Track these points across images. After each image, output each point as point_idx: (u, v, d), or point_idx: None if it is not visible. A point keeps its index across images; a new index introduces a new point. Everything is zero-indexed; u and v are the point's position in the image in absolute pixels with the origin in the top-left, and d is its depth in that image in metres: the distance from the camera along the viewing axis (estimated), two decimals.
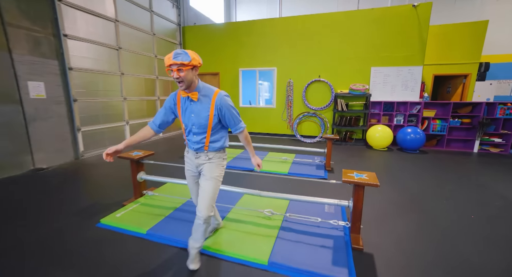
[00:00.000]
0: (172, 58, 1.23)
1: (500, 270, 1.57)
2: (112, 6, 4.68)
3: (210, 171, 1.46)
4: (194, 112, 1.39)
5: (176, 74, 1.26)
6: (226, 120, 1.42)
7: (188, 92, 1.36)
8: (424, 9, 5.20)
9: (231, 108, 1.40)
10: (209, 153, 1.47)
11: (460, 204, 2.57)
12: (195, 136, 1.44)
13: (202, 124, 1.40)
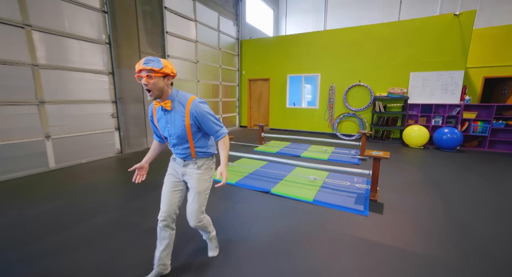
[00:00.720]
0: (142, 64, 1.15)
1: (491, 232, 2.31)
2: (194, 31, 6.27)
3: (199, 185, 1.38)
4: (169, 122, 1.31)
5: (144, 81, 1.17)
6: (204, 128, 1.33)
7: (160, 101, 1.27)
8: (467, 16, 5.49)
9: (207, 115, 1.31)
10: (197, 160, 1.39)
11: (474, 190, 3.17)
12: (176, 147, 1.37)
13: (180, 134, 1.31)
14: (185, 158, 1.38)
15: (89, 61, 4.05)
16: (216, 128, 1.34)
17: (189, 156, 1.37)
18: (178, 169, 1.41)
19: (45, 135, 3.56)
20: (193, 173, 1.38)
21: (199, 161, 1.39)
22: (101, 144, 4.35)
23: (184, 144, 1.34)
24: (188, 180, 1.40)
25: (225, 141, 1.38)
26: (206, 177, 1.41)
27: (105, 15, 4.18)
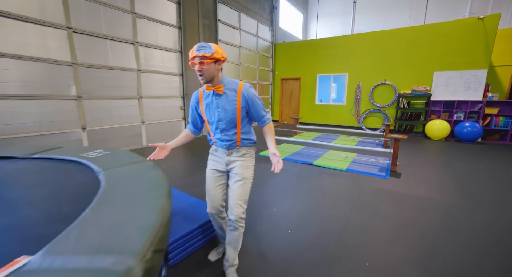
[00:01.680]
0: (195, 51, 1.19)
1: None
2: (239, 37, 7.37)
3: (244, 172, 1.39)
4: (220, 106, 1.32)
5: (198, 67, 1.20)
6: (252, 112, 1.37)
7: (212, 86, 1.30)
8: (491, 19, 5.93)
9: (257, 99, 1.35)
10: (241, 148, 1.41)
11: (481, 168, 3.85)
12: (224, 133, 1.37)
13: (230, 119, 1.33)
14: (229, 146, 1.38)
15: (167, 66, 5.30)
16: (262, 113, 1.39)
17: (234, 144, 1.38)
18: (222, 159, 1.42)
19: (141, 121, 4.85)
20: (237, 161, 1.39)
21: (242, 150, 1.41)
22: (173, 130, 5.61)
23: (232, 129, 1.36)
24: (232, 169, 1.41)
25: (271, 126, 1.41)
26: (250, 164, 1.43)
27: (179, 30, 5.41)
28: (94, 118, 4.06)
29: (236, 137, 1.37)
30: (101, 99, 4.13)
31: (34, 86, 3.36)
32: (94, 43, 3.93)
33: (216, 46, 1.23)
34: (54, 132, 3.59)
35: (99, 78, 4.05)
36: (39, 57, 3.36)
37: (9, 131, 3.19)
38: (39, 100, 3.42)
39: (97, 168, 1.35)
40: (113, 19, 4.15)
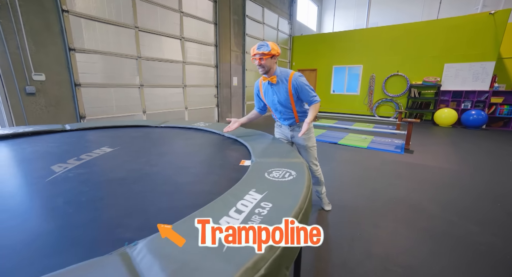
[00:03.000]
0: (256, 49, 1.52)
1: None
2: (262, 31, 7.93)
3: (308, 142, 1.79)
4: (275, 93, 1.66)
5: (258, 62, 1.54)
6: (302, 96, 1.65)
7: (267, 77, 1.61)
8: (502, 14, 6.38)
9: (305, 86, 1.61)
10: (300, 123, 1.76)
11: (483, 147, 4.52)
12: (282, 113, 1.72)
13: (285, 103, 1.66)
14: (291, 124, 1.76)
15: (204, 58, 5.96)
16: (311, 95, 1.65)
17: (294, 121, 1.74)
18: (286, 133, 1.84)
19: (185, 107, 5.59)
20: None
21: (302, 124, 1.71)
22: (208, 115, 6.35)
23: (288, 110, 1.69)
24: (297, 141, 1.81)
25: (316, 105, 1.66)
26: (311, 134, 1.81)
27: (215, 25, 6.03)
28: (152, 103, 4.80)
29: (293, 115, 1.73)
30: (156, 87, 4.86)
31: (112, 76, 4.10)
32: (152, 39, 4.62)
33: (272, 43, 1.53)
34: (124, 114, 4.36)
35: (155, 69, 4.76)
36: (116, 52, 4.07)
37: (97, 113, 3.96)
38: (115, 88, 4.16)
39: (219, 132, 2.09)
40: (166, 17, 4.81)
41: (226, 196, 0.84)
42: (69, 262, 0.54)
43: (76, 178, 1.09)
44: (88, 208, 0.84)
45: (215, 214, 0.72)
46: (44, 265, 0.57)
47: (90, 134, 2.04)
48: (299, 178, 1.00)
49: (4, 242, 0.66)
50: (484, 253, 1.58)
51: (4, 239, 0.67)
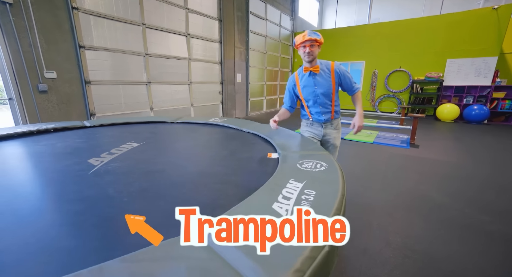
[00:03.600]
0: (307, 35, 1.46)
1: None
2: (265, 27, 7.93)
3: (336, 142, 1.74)
4: (317, 84, 1.59)
5: (308, 49, 1.48)
6: (344, 84, 1.61)
7: (310, 66, 1.57)
8: (505, 9, 6.40)
9: (347, 73, 1.61)
10: (334, 121, 1.69)
11: (484, 141, 4.60)
12: (321, 106, 1.63)
13: (327, 93, 1.59)
14: (325, 121, 1.67)
15: (209, 55, 5.97)
16: (353, 84, 1.62)
17: (329, 117, 1.66)
18: (318, 131, 1.73)
19: (191, 104, 5.62)
20: (332, 133, 1.71)
21: (335, 122, 1.70)
22: (213, 111, 6.39)
23: (328, 102, 1.63)
24: (327, 139, 1.73)
25: (359, 95, 1.64)
26: (340, 134, 1.77)
27: (220, 22, 6.03)
28: (159, 100, 4.83)
29: (331, 109, 1.65)
30: (163, 84, 4.89)
31: (120, 74, 4.12)
32: (159, 36, 4.63)
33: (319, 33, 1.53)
34: (132, 111, 4.39)
35: (162, 66, 4.78)
36: (124, 49, 4.09)
37: (106, 110, 3.99)
38: (123, 85, 4.19)
39: (237, 127, 2.14)
40: (171, 14, 4.81)
41: (269, 185, 0.90)
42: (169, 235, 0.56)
43: (117, 170, 1.14)
44: (141, 197, 0.90)
45: (264, 202, 0.77)
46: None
47: (111, 130, 2.08)
48: (331, 168, 1.06)
49: (106, 216, 0.72)
50: (497, 239, 1.65)
51: (101, 216, 0.73)
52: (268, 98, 8.81)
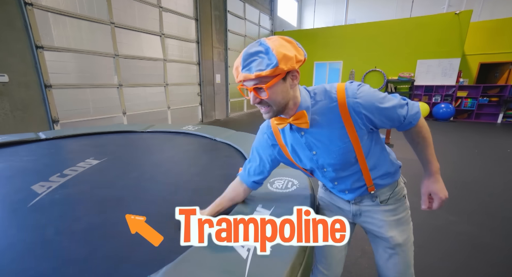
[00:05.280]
0: (240, 70, 0.61)
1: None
2: (244, 27, 7.81)
3: (396, 234, 0.77)
4: (314, 146, 0.72)
5: (253, 98, 0.64)
6: (382, 123, 0.70)
7: (282, 121, 0.71)
8: (465, 15, 6.85)
9: (381, 99, 0.67)
10: (378, 192, 0.78)
11: (451, 137, 4.89)
12: (338, 181, 0.77)
13: (341, 160, 0.71)
14: (357, 196, 0.79)
15: (186, 55, 5.76)
16: (401, 113, 0.69)
17: (365, 190, 0.77)
18: (344, 205, 0.84)
19: (167, 106, 5.39)
20: (375, 212, 0.79)
21: (382, 194, 0.78)
22: (192, 114, 6.19)
23: (350, 170, 0.74)
24: (366, 224, 0.82)
25: (423, 127, 0.75)
26: (402, 215, 0.80)
27: (196, 21, 5.83)
28: (132, 104, 4.57)
29: (363, 182, 0.76)
30: (137, 86, 4.62)
31: (87, 76, 3.82)
32: (130, 36, 4.36)
33: (279, 44, 0.61)
34: (102, 116, 4.10)
35: (134, 68, 4.52)
36: (91, 50, 3.79)
37: (72, 116, 3.68)
38: (91, 88, 3.89)
39: (211, 136, 2.05)
40: (144, 13, 4.55)
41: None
42: None
43: (65, 201, 1.01)
44: (87, 238, 0.78)
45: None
46: None
47: (70, 143, 1.90)
48: (302, 187, 1.02)
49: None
50: (463, 241, 1.73)
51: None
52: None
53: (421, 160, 0.82)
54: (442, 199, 0.77)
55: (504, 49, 7.60)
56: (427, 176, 0.81)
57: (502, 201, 2.33)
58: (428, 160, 0.79)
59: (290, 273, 0.58)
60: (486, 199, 2.38)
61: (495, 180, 2.83)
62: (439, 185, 0.78)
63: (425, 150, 0.78)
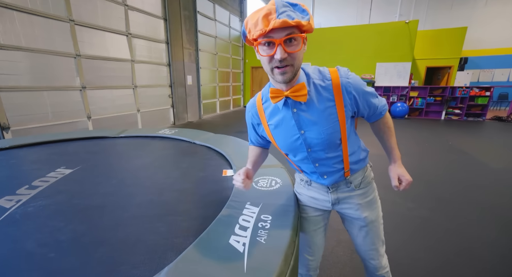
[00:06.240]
0: (276, 15, 0.57)
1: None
2: (215, 28, 7.76)
3: (368, 214, 0.87)
4: (304, 124, 0.74)
5: (282, 52, 0.60)
6: (362, 109, 0.78)
7: (286, 89, 0.70)
8: (413, 24, 7.72)
9: (365, 87, 0.76)
10: (352, 178, 0.85)
11: (407, 135, 5.48)
12: (319, 163, 0.80)
13: (328, 140, 0.74)
14: (334, 181, 0.84)
15: (155, 56, 5.54)
16: (376, 103, 0.80)
17: (341, 175, 0.83)
18: (322, 196, 0.89)
19: (137, 109, 5.13)
20: (351, 198, 0.87)
21: (355, 179, 0.86)
22: (163, 117, 5.97)
23: (333, 153, 0.79)
24: (344, 209, 0.90)
25: (389, 118, 0.86)
26: (372, 195, 0.90)
27: (165, 21, 5.64)
28: (98, 107, 4.27)
29: (342, 165, 0.81)
30: (102, 89, 4.33)
31: (44, 78, 3.48)
32: (93, 35, 4.06)
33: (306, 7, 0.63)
34: (63, 121, 3.77)
35: (99, 69, 4.22)
36: (47, 50, 3.46)
37: (26, 122, 3.32)
38: (49, 91, 3.55)
39: (189, 139, 2.05)
40: (108, 11, 4.27)
41: (226, 212, 0.88)
42: None
43: (41, 212, 0.96)
44: (76, 246, 0.77)
45: (222, 235, 0.75)
46: None
47: (33, 152, 1.74)
48: (285, 185, 1.10)
49: None
50: (419, 224, 1.99)
51: None
52: (222, 100, 8.70)
53: (386, 148, 0.93)
54: (410, 181, 0.85)
55: (444, 55, 8.73)
56: (393, 162, 0.93)
57: (445, 186, 2.72)
58: (393, 147, 0.91)
59: (284, 261, 0.65)
60: (434, 186, 2.75)
61: (439, 169, 3.28)
62: (404, 170, 0.89)
63: (390, 139, 0.90)
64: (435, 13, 9.75)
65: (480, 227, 1.96)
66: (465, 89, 7.26)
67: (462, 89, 7.30)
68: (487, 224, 1.99)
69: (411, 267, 1.54)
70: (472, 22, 9.28)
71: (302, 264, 0.99)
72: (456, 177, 3.01)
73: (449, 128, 6.35)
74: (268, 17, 0.58)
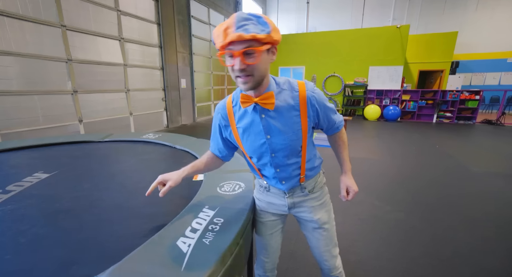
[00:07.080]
0: (234, 28, 0.61)
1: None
2: (209, 32, 7.85)
3: (321, 216, 0.94)
4: (270, 129, 0.79)
5: (240, 63, 0.64)
6: (322, 122, 0.87)
7: (254, 96, 0.75)
8: (404, 28, 7.84)
9: (327, 103, 0.85)
10: (306, 183, 0.92)
11: (399, 136, 5.56)
12: (280, 168, 0.86)
13: (291, 146, 0.82)
14: (291, 186, 0.91)
15: (148, 60, 5.62)
16: (335, 119, 0.89)
17: (297, 181, 0.90)
18: (280, 201, 0.95)
19: (130, 113, 5.19)
20: (305, 202, 0.94)
21: (309, 184, 0.93)
22: (157, 120, 6.03)
23: (293, 159, 0.86)
24: (299, 213, 0.96)
25: (343, 134, 0.96)
26: (324, 199, 0.97)
27: (158, 26, 5.72)
28: (90, 111, 4.32)
29: (299, 171, 0.88)
30: (94, 93, 4.38)
31: (35, 82, 3.53)
32: (85, 39, 4.13)
33: (268, 19, 0.66)
34: (54, 125, 3.81)
35: (91, 73, 4.29)
36: (38, 54, 3.52)
37: (17, 126, 3.36)
38: (40, 95, 3.60)
39: (170, 144, 2.10)
40: (100, 16, 4.35)
41: (182, 216, 0.93)
42: None
43: (8, 216, 1.00)
44: (32, 249, 0.81)
45: (172, 236, 0.81)
46: None
47: (14, 157, 1.79)
48: (247, 190, 1.15)
49: None
50: (394, 226, 2.05)
51: None
52: (216, 103, 8.77)
53: (339, 159, 1.03)
54: (356, 192, 0.97)
55: (436, 59, 8.86)
56: (344, 173, 1.01)
57: (425, 189, 2.78)
58: (345, 159, 1.00)
59: (220, 261, 0.71)
60: (418, 190, 2.81)
61: (424, 173, 3.34)
62: (352, 181, 0.99)
63: (343, 152, 0.99)
64: (428, 17, 9.89)
65: (454, 229, 2.02)
66: (456, 93, 7.37)
67: (453, 92, 7.41)
68: (462, 228, 2.05)
69: (380, 268, 1.59)
70: (463, 26, 9.43)
71: (259, 265, 1.08)
72: (437, 180, 3.07)
73: (440, 131, 6.43)
74: (227, 30, 0.62)
